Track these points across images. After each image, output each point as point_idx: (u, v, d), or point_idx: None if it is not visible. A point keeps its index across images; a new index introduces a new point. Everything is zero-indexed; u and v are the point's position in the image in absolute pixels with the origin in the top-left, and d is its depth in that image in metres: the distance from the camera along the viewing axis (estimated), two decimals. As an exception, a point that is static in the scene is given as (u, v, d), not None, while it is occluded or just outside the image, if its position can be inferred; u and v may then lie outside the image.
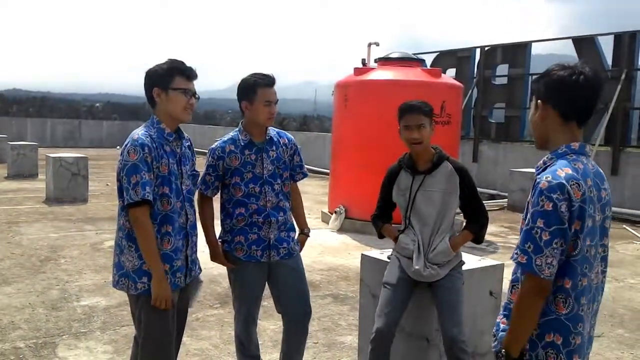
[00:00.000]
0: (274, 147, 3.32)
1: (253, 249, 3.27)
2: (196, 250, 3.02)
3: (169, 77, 2.79)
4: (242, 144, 3.27)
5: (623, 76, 11.89)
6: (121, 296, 5.40)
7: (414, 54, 10.38)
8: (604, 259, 2.02)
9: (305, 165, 3.58)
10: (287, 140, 3.43)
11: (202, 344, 4.39)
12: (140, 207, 2.67)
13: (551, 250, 1.82)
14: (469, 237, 3.29)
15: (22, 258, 6.70)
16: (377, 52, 10.60)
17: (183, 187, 2.89)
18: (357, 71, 9.44)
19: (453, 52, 16.21)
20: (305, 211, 3.68)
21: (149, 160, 2.71)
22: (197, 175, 3.09)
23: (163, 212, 2.78)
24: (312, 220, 9.78)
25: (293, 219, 3.47)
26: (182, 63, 2.84)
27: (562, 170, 1.87)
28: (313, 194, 12.92)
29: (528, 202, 1.93)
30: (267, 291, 3.44)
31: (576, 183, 1.85)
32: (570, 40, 13.74)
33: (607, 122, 12.05)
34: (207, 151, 3.35)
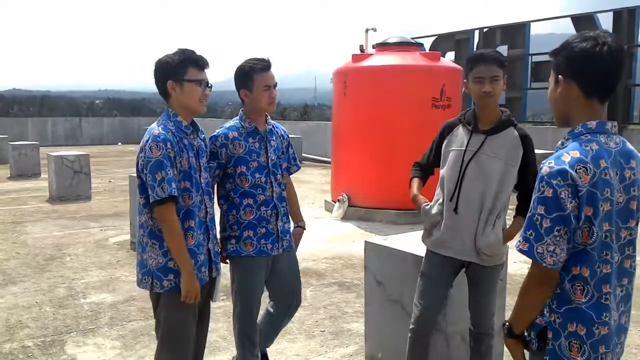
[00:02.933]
0: (274, 137, 3.28)
1: (262, 242, 3.19)
2: (217, 243, 3.00)
3: (182, 68, 2.73)
4: (247, 131, 3.19)
5: (623, 53, 11.83)
6: (128, 292, 5.43)
7: (412, 39, 10.31)
8: (631, 243, 1.89)
9: (308, 155, 3.59)
10: (282, 132, 3.41)
11: (209, 336, 4.38)
12: (166, 204, 2.62)
13: (553, 238, 1.75)
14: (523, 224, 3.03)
15: (27, 257, 6.71)
16: (375, 38, 10.53)
17: (202, 180, 2.85)
18: (355, 58, 9.38)
19: (451, 35, 16.13)
20: (309, 200, 3.70)
21: (172, 155, 2.66)
22: (213, 167, 3.10)
23: (185, 207, 2.74)
24: (316, 209, 9.76)
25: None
26: (194, 52, 2.78)
27: (567, 154, 1.77)
28: (315, 183, 12.77)
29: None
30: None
31: (583, 167, 1.74)
32: (569, 19, 13.65)
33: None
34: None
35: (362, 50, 10.23)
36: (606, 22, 12.80)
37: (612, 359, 1.85)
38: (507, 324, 1.95)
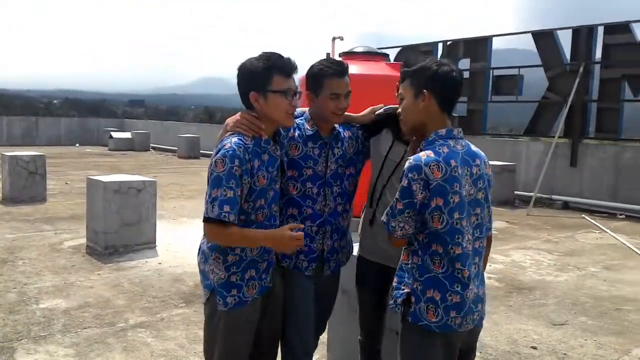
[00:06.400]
0: (339, 144, 2.83)
1: (301, 258, 2.79)
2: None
3: (267, 77, 2.44)
4: (307, 133, 2.76)
5: (581, 69, 12.16)
6: (82, 298, 5.26)
7: (378, 49, 10.38)
8: (478, 226, 2.29)
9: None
10: (350, 133, 2.91)
11: (167, 344, 4.29)
12: (214, 224, 2.33)
13: (403, 217, 2.19)
14: None
15: (-23, 260, 6.45)
16: (342, 47, 10.58)
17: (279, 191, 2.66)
18: (322, 65, 9.38)
19: (416, 47, 16.33)
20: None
21: (238, 173, 2.36)
22: None
23: (256, 222, 2.51)
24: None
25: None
26: (279, 57, 2.47)
27: (425, 153, 2.19)
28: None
29: None
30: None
31: (436, 164, 2.16)
32: (529, 35, 13.99)
33: (566, 115, 12.32)
34: (177, 148, 2.86)
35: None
36: (565, 39, 13.17)
37: (461, 323, 2.22)
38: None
